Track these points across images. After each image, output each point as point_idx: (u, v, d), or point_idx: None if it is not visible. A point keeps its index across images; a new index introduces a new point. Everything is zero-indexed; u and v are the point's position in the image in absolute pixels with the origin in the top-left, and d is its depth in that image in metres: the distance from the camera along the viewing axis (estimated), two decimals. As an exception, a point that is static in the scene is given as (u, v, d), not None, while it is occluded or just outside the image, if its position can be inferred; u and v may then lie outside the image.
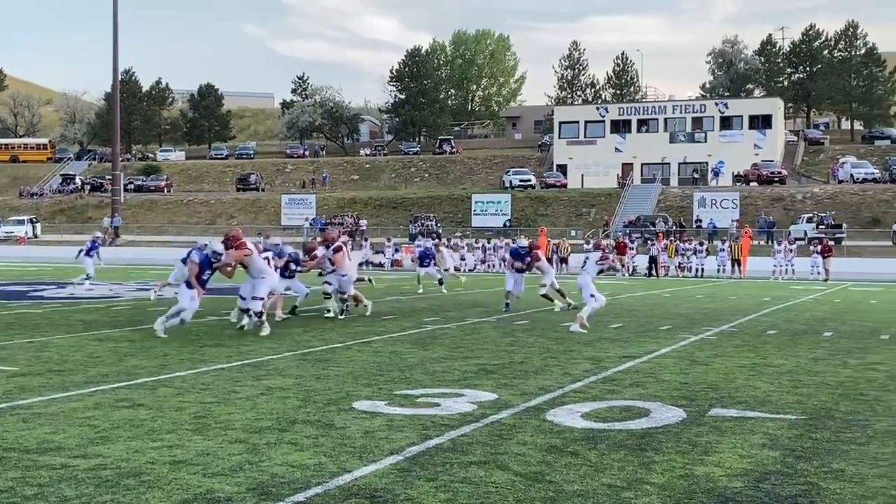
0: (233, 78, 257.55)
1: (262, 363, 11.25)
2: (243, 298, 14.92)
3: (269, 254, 16.03)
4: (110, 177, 68.64)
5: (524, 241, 20.88)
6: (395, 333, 14.87)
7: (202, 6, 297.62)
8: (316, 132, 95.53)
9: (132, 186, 75.41)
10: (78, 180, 79.39)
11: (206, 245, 14.47)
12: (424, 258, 27.93)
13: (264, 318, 14.58)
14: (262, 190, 75.90)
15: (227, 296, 18.76)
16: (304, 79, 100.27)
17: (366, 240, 51.59)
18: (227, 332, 14.71)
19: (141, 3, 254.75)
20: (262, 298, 14.68)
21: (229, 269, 14.40)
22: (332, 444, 6.93)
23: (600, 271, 16.88)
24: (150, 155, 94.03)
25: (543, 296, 20.03)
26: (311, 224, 60.39)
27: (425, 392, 9.26)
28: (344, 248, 17.56)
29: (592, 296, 15.96)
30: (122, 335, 14.23)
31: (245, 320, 14.93)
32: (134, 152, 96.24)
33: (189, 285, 14.01)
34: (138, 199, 73.43)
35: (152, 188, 76.57)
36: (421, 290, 25.79)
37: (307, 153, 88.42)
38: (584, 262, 16.94)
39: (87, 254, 26.59)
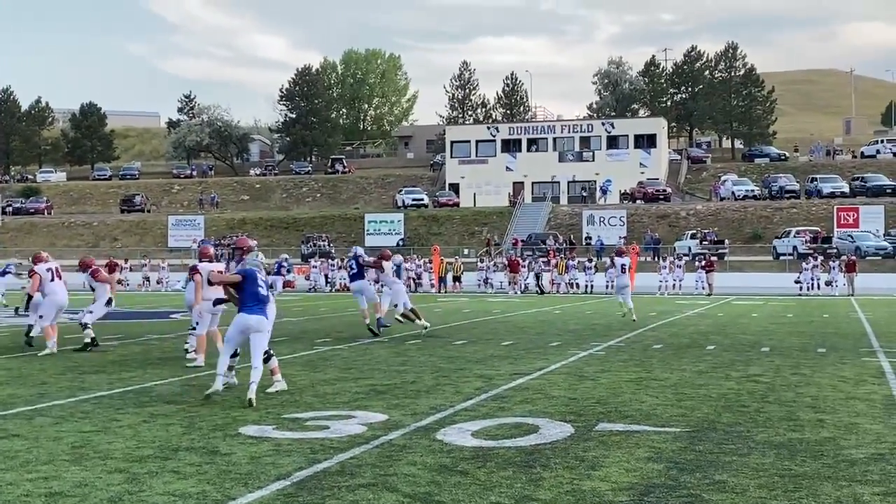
0: (116, 97, 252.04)
1: (145, 390, 10.93)
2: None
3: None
4: (-13, 199, 66.18)
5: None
6: (285, 356, 14.61)
7: (82, 23, 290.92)
8: (204, 152, 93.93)
9: (11, 209, 72.79)
10: (-46, 203, 76.26)
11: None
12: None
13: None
14: (148, 211, 74.19)
15: (106, 321, 18.21)
16: (191, 97, 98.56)
17: (257, 261, 50.82)
18: (108, 359, 14.26)
19: (18, 19, 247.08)
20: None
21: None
22: (217, 472, 6.75)
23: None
24: (30, 176, 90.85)
25: (402, 315, 18.46)
26: (199, 245, 59.21)
27: (315, 415, 9.12)
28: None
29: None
30: (-3, 363, 13.65)
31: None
32: (13, 173, 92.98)
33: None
34: (17, 222, 70.92)
35: (32, 210, 74.00)
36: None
37: (195, 173, 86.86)
38: (621, 267, 22.74)
39: None
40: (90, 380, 11.78)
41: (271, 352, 10.79)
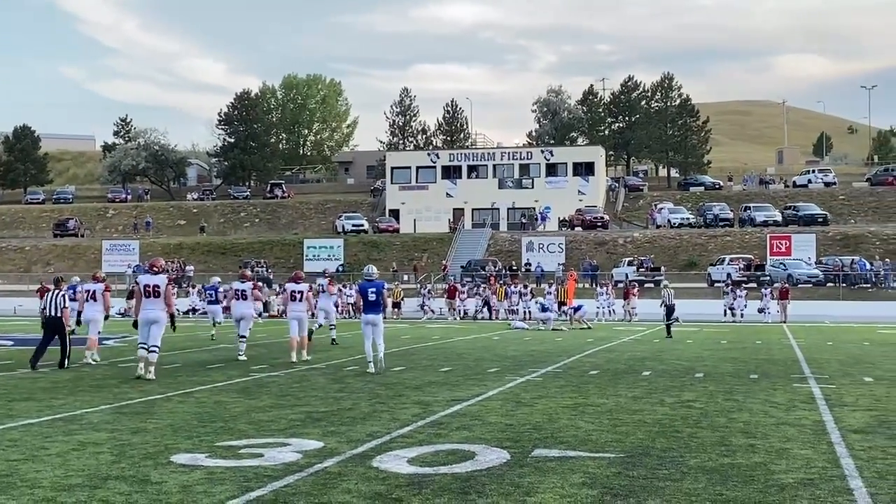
0: (51, 120, 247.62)
1: (75, 417, 10.71)
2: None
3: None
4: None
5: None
6: (219, 383, 14.47)
7: (16, 45, 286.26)
8: (140, 176, 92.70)
9: (-60, 232, 71.11)
10: None
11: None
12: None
13: None
14: (82, 236, 72.91)
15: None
16: (128, 121, 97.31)
17: (192, 286, 50.25)
18: (38, 386, 13.95)
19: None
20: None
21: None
22: (147, 501, 6.63)
23: None
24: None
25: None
26: (133, 271, 58.28)
27: (249, 443, 9.01)
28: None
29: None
30: (-79, 391, 13.26)
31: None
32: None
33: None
34: (-54, 246, 69.22)
35: (-38, 234, 72.40)
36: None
37: (130, 197, 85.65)
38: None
39: None
40: (18, 407, 11.51)
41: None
